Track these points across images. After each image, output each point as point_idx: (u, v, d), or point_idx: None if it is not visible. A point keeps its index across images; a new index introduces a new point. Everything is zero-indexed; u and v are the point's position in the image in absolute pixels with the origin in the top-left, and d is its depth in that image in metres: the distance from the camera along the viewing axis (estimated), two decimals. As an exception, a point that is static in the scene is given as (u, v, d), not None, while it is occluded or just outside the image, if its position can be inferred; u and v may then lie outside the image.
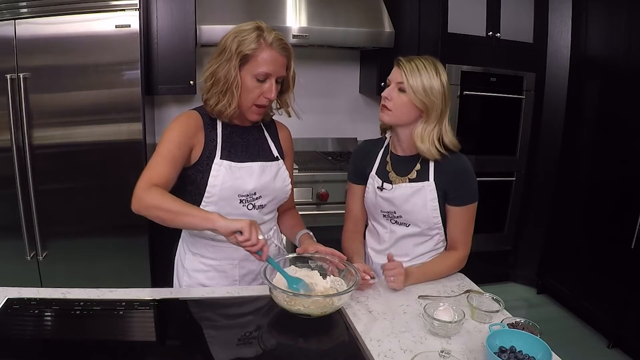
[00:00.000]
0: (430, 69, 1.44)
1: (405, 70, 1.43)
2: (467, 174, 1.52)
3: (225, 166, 1.42)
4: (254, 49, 1.33)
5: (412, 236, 1.57)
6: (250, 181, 1.44)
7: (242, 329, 1.26)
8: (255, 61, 1.34)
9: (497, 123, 3.29)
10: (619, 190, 2.75)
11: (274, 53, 1.35)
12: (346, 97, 3.48)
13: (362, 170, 1.64)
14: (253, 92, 1.37)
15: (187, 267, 1.53)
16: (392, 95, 1.46)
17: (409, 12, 3.10)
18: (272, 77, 1.37)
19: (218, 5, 2.77)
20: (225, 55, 1.34)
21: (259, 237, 1.23)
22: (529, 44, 3.21)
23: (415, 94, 1.43)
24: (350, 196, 1.71)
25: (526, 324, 1.23)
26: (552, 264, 3.35)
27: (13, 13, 2.24)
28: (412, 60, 1.45)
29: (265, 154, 1.51)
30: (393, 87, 1.47)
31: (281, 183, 1.52)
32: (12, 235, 2.43)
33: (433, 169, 1.52)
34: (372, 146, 1.66)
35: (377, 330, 1.22)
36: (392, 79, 1.49)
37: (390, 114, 1.48)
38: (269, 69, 1.35)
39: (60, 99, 2.36)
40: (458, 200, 1.52)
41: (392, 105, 1.47)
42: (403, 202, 1.53)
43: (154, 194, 1.27)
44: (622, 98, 2.78)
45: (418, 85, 1.42)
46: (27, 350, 1.09)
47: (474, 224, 1.56)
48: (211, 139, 1.43)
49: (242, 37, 1.33)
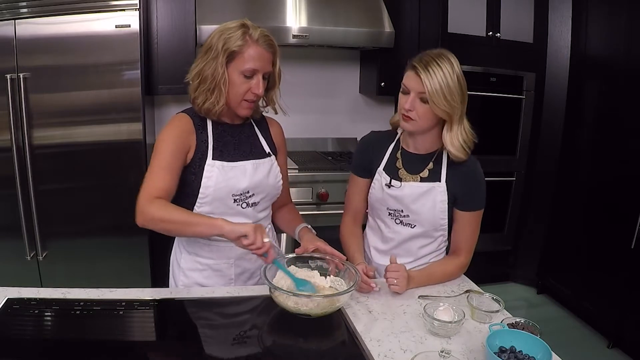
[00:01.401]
0: (446, 70, 1.36)
1: (426, 80, 1.35)
2: (479, 179, 1.50)
3: (217, 167, 1.42)
4: (240, 45, 1.34)
5: (417, 238, 1.54)
6: (243, 180, 1.45)
7: (242, 329, 1.26)
8: (241, 57, 1.35)
9: (497, 123, 3.29)
10: (619, 190, 2.75)
11: (260, 49, 1.36)
12: (346, 97, 3.48)
13: (368, 163, 1.59)
14: (240, 88, 1.38)
15: (183, 267, 1.53)
16: (415, 106, 1.39)
17: (409, 12, 3.10)
18: (259, 73, 1.38)
19: (218, 5, 2.77)
20: (212, 54, 1.35)
21: (264, 240, 1.25)
22: (529, 44, 3.21)
23: (438, 106, 1.36)
24: (351, 188, 1.66)
25: (526, 324, 1.23)
26: (552, 264, 3.35)
27: (13, 13, 2.24)
28: (429, 65, 1.36)
29: (257, 151, 1.52)
30: (414, 98, 1.39)
31: (274, 179, 1.53)
32: (12, 235, 2.43)
33: (446, 170, 1.49)
34: (381, 139, 1.60)
35: (377, 330, 1.22)
36: (411, 88, 1.40)
37: (415, 123, 1.42)
38: (255, 65, 1.36)
39: (60, 99, 2.36)
40: (467, 205, 1.50)
41: (416, 115, 1.40)
42: (412, 201, 1.50)
43: (156, 207, 1.29)
44: (622, 98, 2.78)
45: (440, 97, 1.35)
46: (27, 350, 1.09)
47: (479, 230, 1.54)
48: (202, 140, 1.44)
49: (228, 35, 1.34)
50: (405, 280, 1.39)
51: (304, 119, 3.33)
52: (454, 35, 2.99)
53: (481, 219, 1.53)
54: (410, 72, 1.40)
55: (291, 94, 3.73)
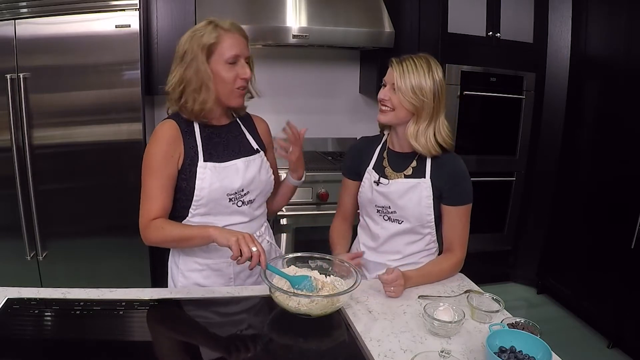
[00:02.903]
0: (421, 68, 1.46)
1: (396, 72, 1.47)
2: (463, 174, 1.54)
3: (210, 168, 1.43)
4: (215, 36, 1.37)
5: (404, 234, 1.58)
6: (236, 179, 1.46)
7: (242, 329, 1.26)
8: (220, 48, 1.38)
9: (497, 123, 3.29)
10: (619, 190, 2.75)
11: (235, 35, 1.40)
12: (346, 97, 3.48)
13: (357, 167, 1.66)
14: (228, 77, 1.39)
15: (182, 268, 1.53)
16: (389, 96, 1.50)
17: (409, 12, 3.10)
18: (240, 57, 1.40)
19: (218, 5, 2.77)
20: (189, 56, 1.37)
21: (252, 250, 1.25)
22: (529, 44, 3.21)
23: (404, 96, 1.46)
24: (342, 189, 1.74)
25: (526, 324, 1.23)
26: (552, 264, 3.34)
27: (13, 13, 2.24)
28: (404, 60, 1.48)
29: (246, 148, 1.53)
30: (389, 88, 1.50)
31: (266, 175, 1.55)
32: (12, 235, 2.43)
33: (430, 167, 1.53)
34: (368, 143, 1.68)
35: (377, 330, 1.22)
36: (387, 80, 1.52)
37: (390, 114, 1.51)
38: (236, 50, 1.39)
39: (60, 99, 2.37)
40: (453, 199, 1.53)
41: (391, 104, 1.49)
42: (398, 197, 1.54)
43: (153, 231, 1.38)
44: (622, 98, 2.77)
45: (407, 87, 1.45)
46: (27, 350, 1.09)
47: (469, 226, 1.57)
48: (190, 146, 1.44)
49: (200, 34, 1.37)
50: (401, 287, 1.41)
51: (304, 119, 3.32)
52: (454, 35, 2.99)
53: (470, 214, 1.56)
54: (389, 68, 1.52)
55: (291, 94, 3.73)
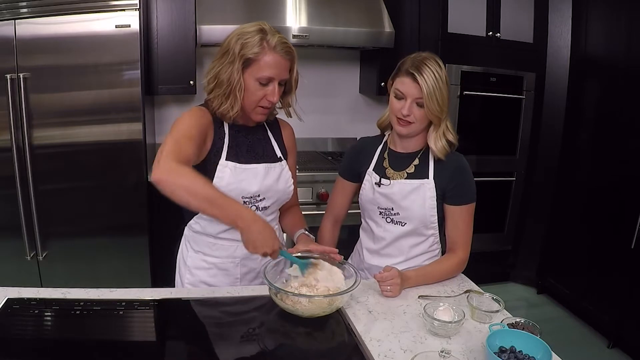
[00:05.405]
0: (440, 79, 1.41)
1: (423, 87, 1.40)
2: (466, 173, 1.53)
3: (230, 167, 1.41)
4: (256, 52, 1.31)
5: (408, 236, 1.56)
6: (254, 183, 1.44)
7: (243, 329, 1.26)
8: (258, 65, 1.33)
9: (497, 123, 3.29)
10: (619, 190, 2.75)
11: (277, 57, 1.34)
12: (346, 97, 3.48)
13: (356, 168, 1.64)
14: (256, 94, 1.36)
15: (190, 265, 1.53)
16: (412, 111, 1.44)
17: (409, 12, 3.10)
18: (274, 80, 1.36)
19: (218, 5, 2.77)
20: (229, 58, 1.33)
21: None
22: (529, 44, 3.21)
23: (432, 111, 1.42)
24: (336, 191, 1.70)
25: (526, 324, 1.23)
26: (552, 264, 3.35)
27: (13, 13, 2.24)
28: (423, 71, 1.40)
29: (269, 154, 1.51)
30: (411, 103, 1.43)
31: (284, 184, 1.52)
32: (12, 235, 2.43)
33: (433, 167, 1.52)
34: (369, 144, 1.65)
35: (377, 330, 1.22)
36: (407, 93, 1.43)
37: (412, 127, 1.47)
38: (271, 72, 1.34)
39: (60, 99, 2.36)
40: (457, 199, 1.52)
41: (414, 118, 1.45)
42: (401, 198, 1.52)
43: (186, 174, 1.17)
44: (622, 98, 2.78)
45: (434, 102, 1.40)
46: (27, 350, 1.09)
47: (472, 225, 1.56)
48: (220, 136, 1.43)
49: (246, 40, 1.32)
50: (398, 286, 1.40)
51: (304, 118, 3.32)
52: (454, 35, 2.99)
53: (473, 213, 1.55)
54: (405, 78, 1.43)
55: (291, 94, 3.64)
